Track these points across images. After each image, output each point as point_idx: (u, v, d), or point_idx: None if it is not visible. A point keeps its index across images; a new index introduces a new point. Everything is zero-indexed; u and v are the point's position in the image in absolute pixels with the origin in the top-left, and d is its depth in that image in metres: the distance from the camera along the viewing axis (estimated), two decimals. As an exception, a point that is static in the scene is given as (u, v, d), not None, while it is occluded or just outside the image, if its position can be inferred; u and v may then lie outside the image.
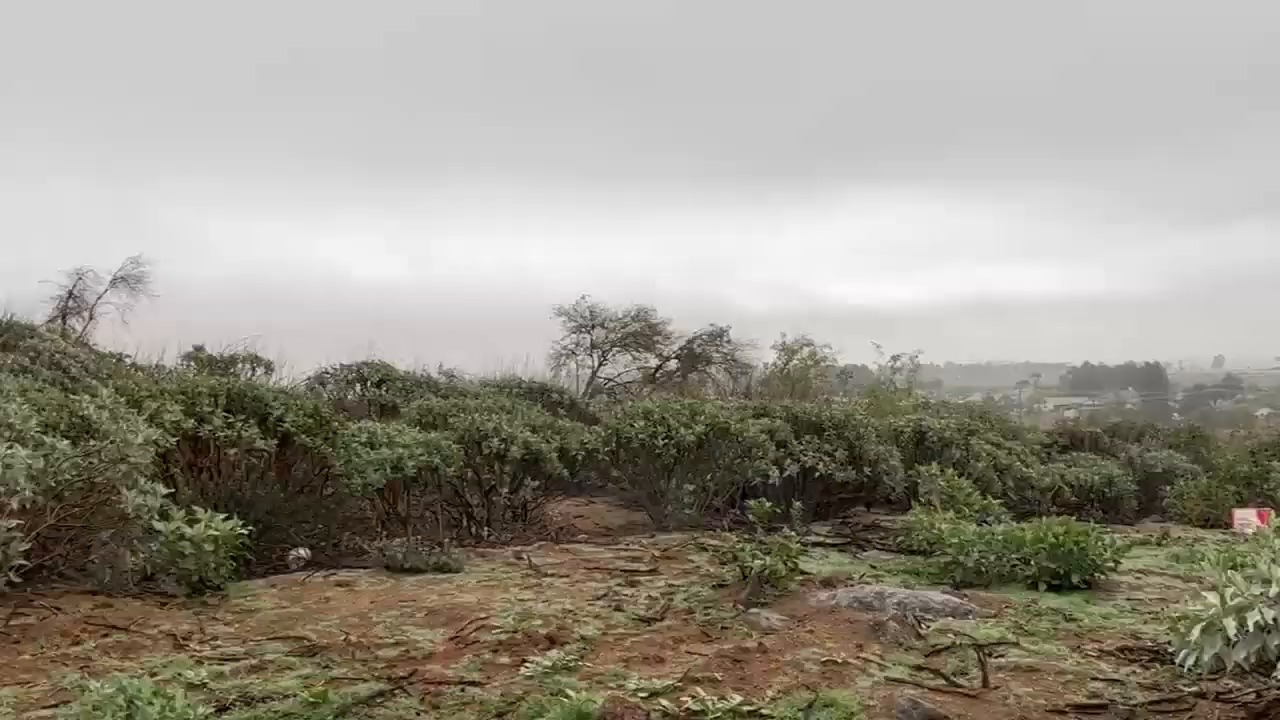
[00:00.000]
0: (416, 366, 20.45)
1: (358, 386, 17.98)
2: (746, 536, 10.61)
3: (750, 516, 11.52)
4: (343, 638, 7.30)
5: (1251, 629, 4.92)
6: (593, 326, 29.45)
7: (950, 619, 8.11)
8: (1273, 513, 11.66)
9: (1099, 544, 9.82)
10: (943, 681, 6.68)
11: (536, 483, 12.67)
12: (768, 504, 11.52)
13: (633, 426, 13.04)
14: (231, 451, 10.24)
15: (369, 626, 7.68)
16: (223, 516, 8.68)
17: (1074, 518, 10.59)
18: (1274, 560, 5.24)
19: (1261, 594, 5.03)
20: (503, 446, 12.26)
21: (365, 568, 9.75)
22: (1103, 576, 9.84)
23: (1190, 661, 5.25)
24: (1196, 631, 5.20)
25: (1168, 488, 20.30)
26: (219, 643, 7.24)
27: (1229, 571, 5.49)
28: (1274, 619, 4.88)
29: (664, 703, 6.07)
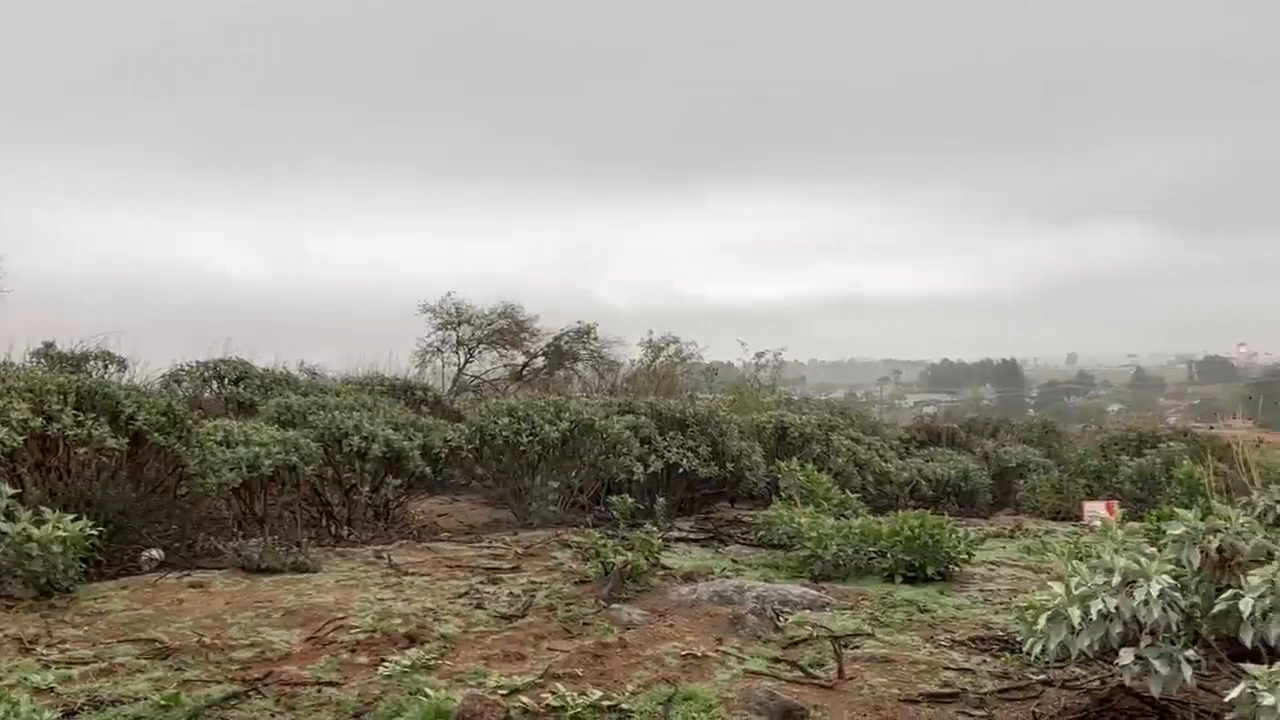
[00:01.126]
0: (277, 364, 20.05)
1: (215, 384, 17.59)
2: (609, 533, 10.65)
3: (613, 513, 11.55)
4: (196, 639, 7.15)
5: (1095, 617, 5.07)
6: (459, 324, 29.18)
7: (808, 611, 8.23)
8: (1118, 505, 12.05)
9: (953, 537, 10.05)
10: (800, 673, 6.79)
11: (398, 481, 12.55)
12: (630, 500, 11.55)
13: (497, 424, 12.99)
14: (81, 450, 9.95)
15: (223, 628, 7.53)
16: (71, 517, 8.43)
17: (931, 511, 10.81)
18: (1116, 551, 5.41)
19: (1104, 583, 5.18)
20: (364, 444, 12.12)
21: (220, 568, 9.56)
22: (957, 568, 10.08)
23: (1036, 650, 5.40)
24: (1043, 620, 5.35)
25: (1021, 481, 20.87)
26: (67, 646, 7.04)
27: (1074, 562, 5.66)
28: (1116, 607, 5.04)
29: (524, 700, 6.06)
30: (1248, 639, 4.62)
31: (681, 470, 14.42)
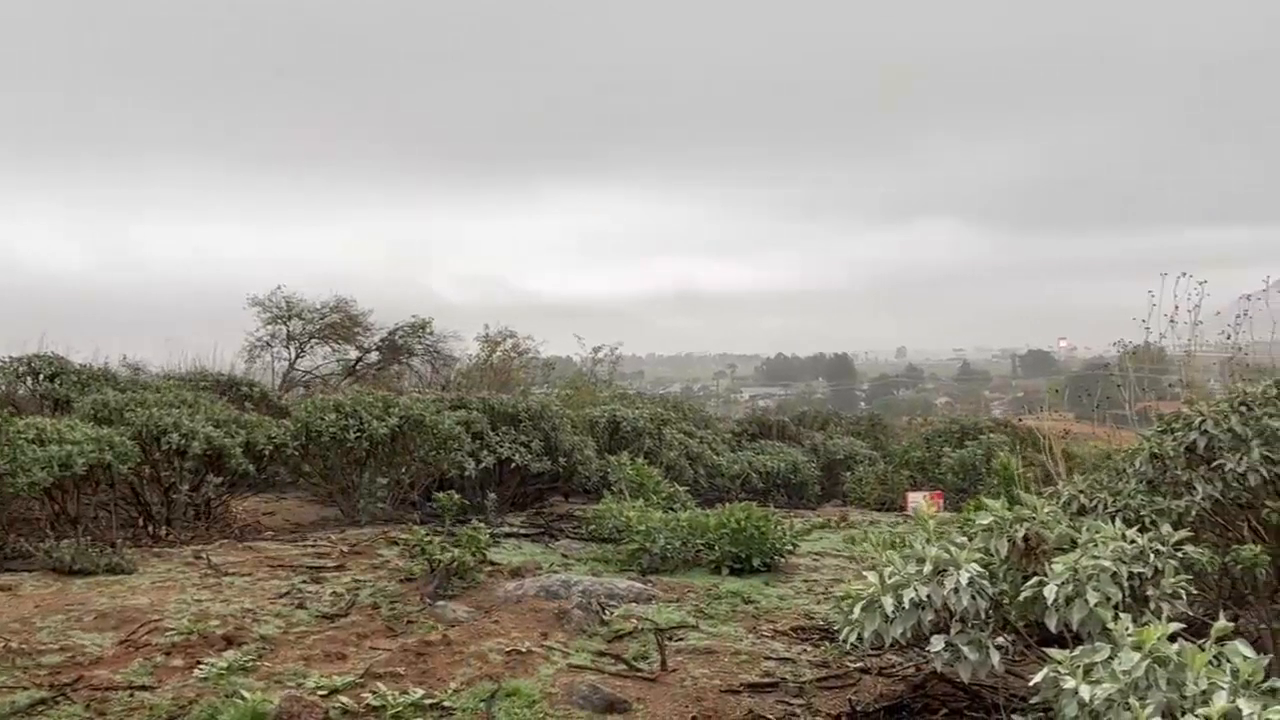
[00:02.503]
0: (96, 359, 19.34)
1: (29, 380, 16.89)
2: (437, 529, 10.53)
3: (442, 509, 11.42)
4: (2, 644, 6.87)
5: (907, 606, 5.16)
6: (289, 318, 28.52)
7: (634, 605, 8.26)
8: (941, 496, 12.32)
9: (778, 529, 10.19)
10: (624, 666, 6.80)
11: (220, 479, 12.20)
12: (457, 497, 11.43)
13: (323, 420, 12.72)
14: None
15: (32, 632, 7.24)
16: None
17: (760, 503, 10.93)
18: (928, 540, 5.52)
19: (917, 572, 5.28)
20: (183, 442, 11.74)
21: (31, 571, 9.19)
22: (782, 559, 10.21)
23: (852, 638, 5.48)
24: (858, 610, 5.43)
25: (849, 473, 21.25)
26: None
27: (888, 552, 5.77)
28: (928, 596, 5.14)
29: (344, 700, 5.97)
30: (1052, 624, 4.74)
31: (514, 465, 14.34)
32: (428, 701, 6.01)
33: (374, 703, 5.93)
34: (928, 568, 5.24)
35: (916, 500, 14.41)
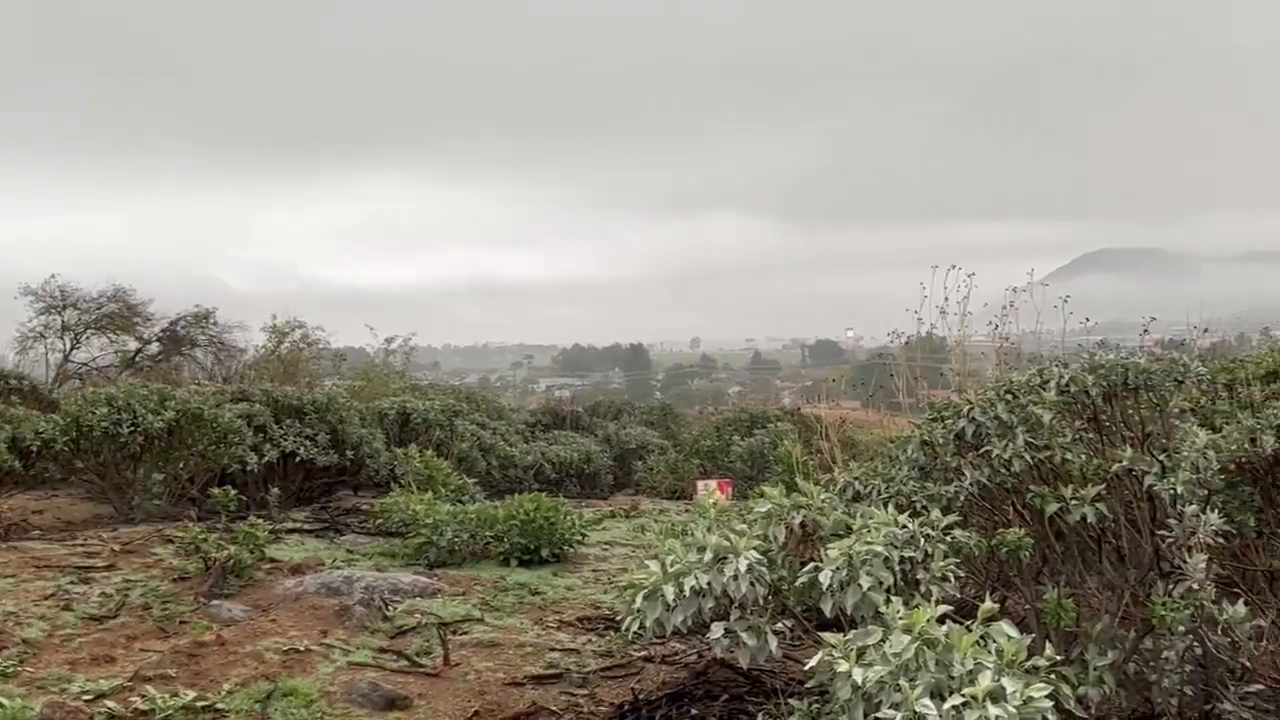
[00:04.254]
0: None
1: None
2: (215, 526, 10.20)
3: (221, 505, 11.07)
4: None
5: (688, 593, 5.17)
6: (64, 307, 27.35)
7: (419, 599, 8.13)
8: (717, 483, 12.47)
9: (569, 519, 10.17)
10: (406, 663, 6.69)
11: (-18, 477, 11.60)
12: (233, 492, 11.09)
13: (94, 414, 12.17)
14: None
15: None
16: None
17: (553, 494, 10.90)
18: (709, 529, 5.54)
19: (698, 560, 5.29)
20: (-61, 438, 11.13)
21: None
22: (572, 550, 10.20)
23: (635, 627, 5.46)
24: (640, 599, 5.42)
25: (641, 462, 21.43)
26: None
27: (670, 540, 5.78)
28: (708, 583, 5.15)
29: (110, 704, 5.74)
30: (827, 609, 4.80)
31: (299, 459, 14.01)
32: (200, 704, 5.82)
33: (143, 706, 5.72)
34: (708, 555, 5.26)
35: (706, 488, 14.61)
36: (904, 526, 5.01)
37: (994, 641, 4.17)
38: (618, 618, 7.19)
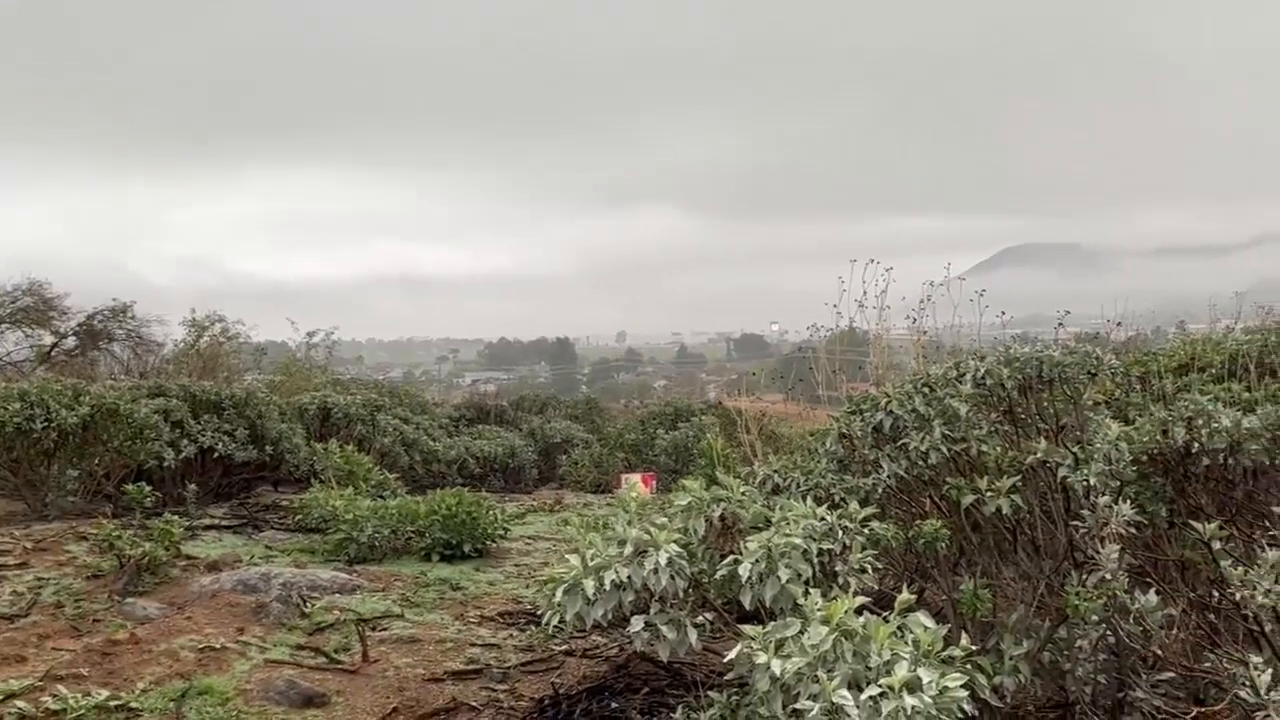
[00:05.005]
0: None
1: None
2: (130, 523, 10.04)
3: (136, 502, 10.88)
4: None
5: (608, 587, 5.16)
6: (-26, 302, 26.85)
7: (338, 596, 8.05)
8: (641, 476, 12.47)
9: (490, 514, 10.13)
10: (324, 659, 6.63)
11: (-119, 476, 11.33)
12: (148, 488, 10.91)
13: (6, 409, 11.94)
14: None
15: None
16: None
17: (477, 488, 10.84)
18: (630, 522, 5.53)
19: (618, 554, 5.28)
20: None
21: None
22: (494, 544, 10.16)
23: (555, 621, 5.44)
24: (560, 593, 5.40)
25: (565, 456, 21.40)
26: None
27: (591, 534, 5.76)
28: (628, 577, 5.14)
29: (20, 704, 5.63)
30: (747, 601, 4.81)
31: (217, 455, 13.84)
32: (113, 703, 5.73)
33: (54, 706, 5.63)
34: (629, 549, 5.25)
35: (630, 482, 14.63)
36: (822, 519, 5.03)
37: (911, 632, 4.20)
38: (539, 612, 7.19)
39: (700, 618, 5.24)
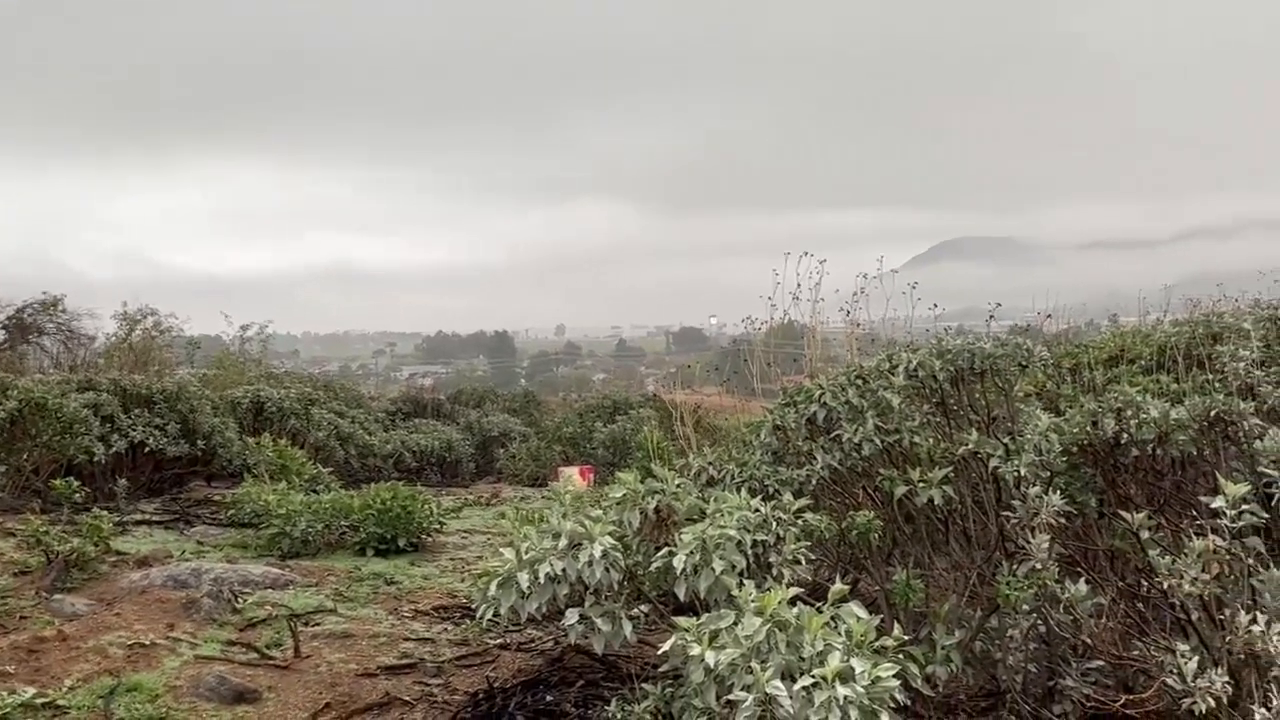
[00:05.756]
0: None
1: None
2: (59, 519, 9.89)
3: (67, 498, 10.72)
4: None
5: (543, 580, 5.14)
6: (-101, 295, 26.30)
7: (270, 591, 7.97)
8: (579, 470, 12.44)
9: (426, 508, 10.07)
10: (256, 655, 6.56)
11: None
12: (76, 483, 10.74)
13: (-69, 404, 11.74)
14: None
15: None
16: None
17: (413, 482, 10.77)
18: (564, 515, 5.52)
19: (553, 547, 5.27)
20: None
21: None
22: (430, 538, 10.11)
23: (488, 615, 5.42)
24: (494, 586, 5.38)
25: (503, 450, 21.35)
26: None
27: (526, 527, 5.74)
28: (563, 569, 5.13)
29: (-57, 704, 5.51)
30: (681, 593, 4.82)
31: (149, 449, 13.66)
32: (40, 701, 5.63)
33: (-23, 706, 5.51)
34: (563, 542, 5.24)
35: (568, 474, 14.62)
36: (757, 510, 5.05)
37: (844, 623, 4.23)
38: (474, 606, 7.16)
39: (635, 610, 5.24)
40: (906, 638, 4.38)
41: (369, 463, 18.21)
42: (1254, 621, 4.17)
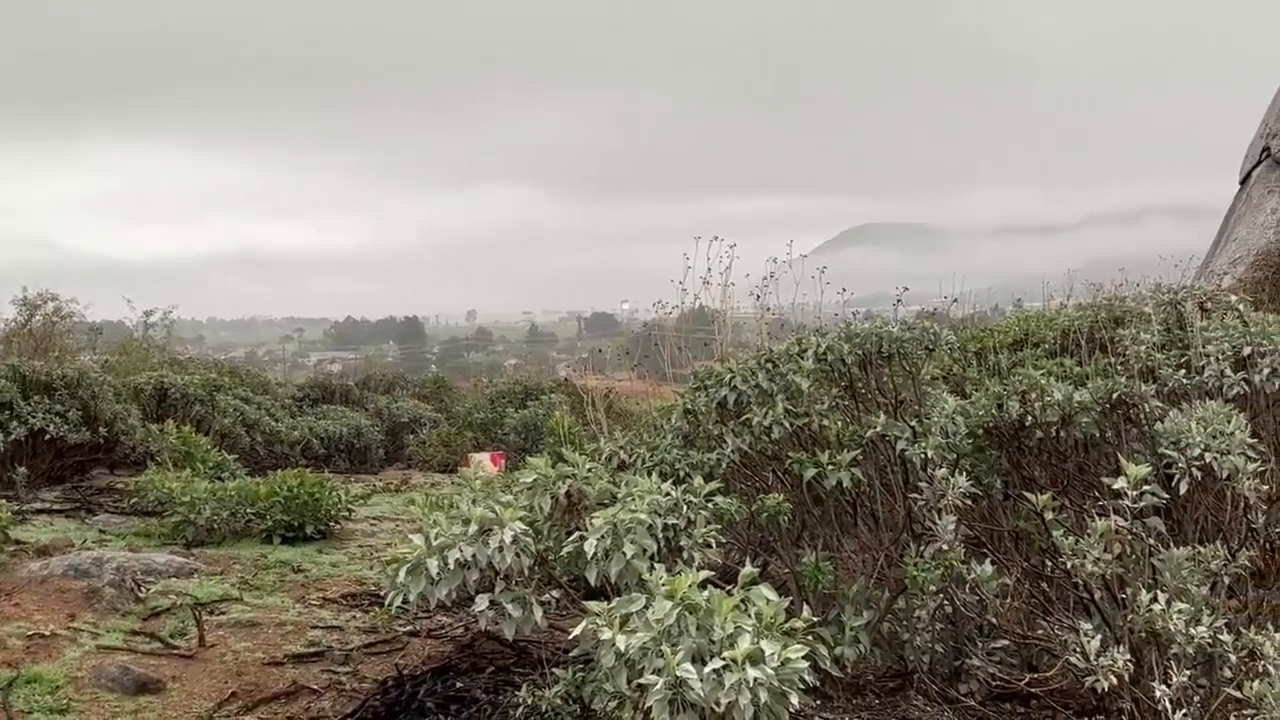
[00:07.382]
0: None
1: None
2: (-45, 508, 9.64)
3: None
4: None
5: (453, 566, 5.10)
6: None
7: (174, 580, 7.84)
8: (490, 455, 12.38)
9: (333, 495, 9.97)
10: (159, 645, 6.46)
11: None
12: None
13: None
14: None
15: None
16: None
17: (321, 469, 10.65)
18: (474, 500, 5.48)
19: (463, 533, 5.23)
20: None
21: None
22: (338, 525, 10.02)
23: (397, 601, 5.37)
24: (403, 573, 5.33)
25: (413, 436, 21.20)
26: None
27: (435, 513, 5.69)
28: (473, 555, 5.09)
29: None
30: (592, 577, 4.81)
31: (49, 437, 13.37)
32: (-68, 696, 5.48)
33: None
34: (473, 528, 5.20)
35: (479, 460, 14.56)
36: (668, 494, 5.05)
37: (754, 605, 4.24)
38: (383, 593, 7.10)
39: (546, 595, 5.23)
40: (816, 620, 4.42)
41: (276, 449, 17.97)
42: (1155, 600, 4.26)
